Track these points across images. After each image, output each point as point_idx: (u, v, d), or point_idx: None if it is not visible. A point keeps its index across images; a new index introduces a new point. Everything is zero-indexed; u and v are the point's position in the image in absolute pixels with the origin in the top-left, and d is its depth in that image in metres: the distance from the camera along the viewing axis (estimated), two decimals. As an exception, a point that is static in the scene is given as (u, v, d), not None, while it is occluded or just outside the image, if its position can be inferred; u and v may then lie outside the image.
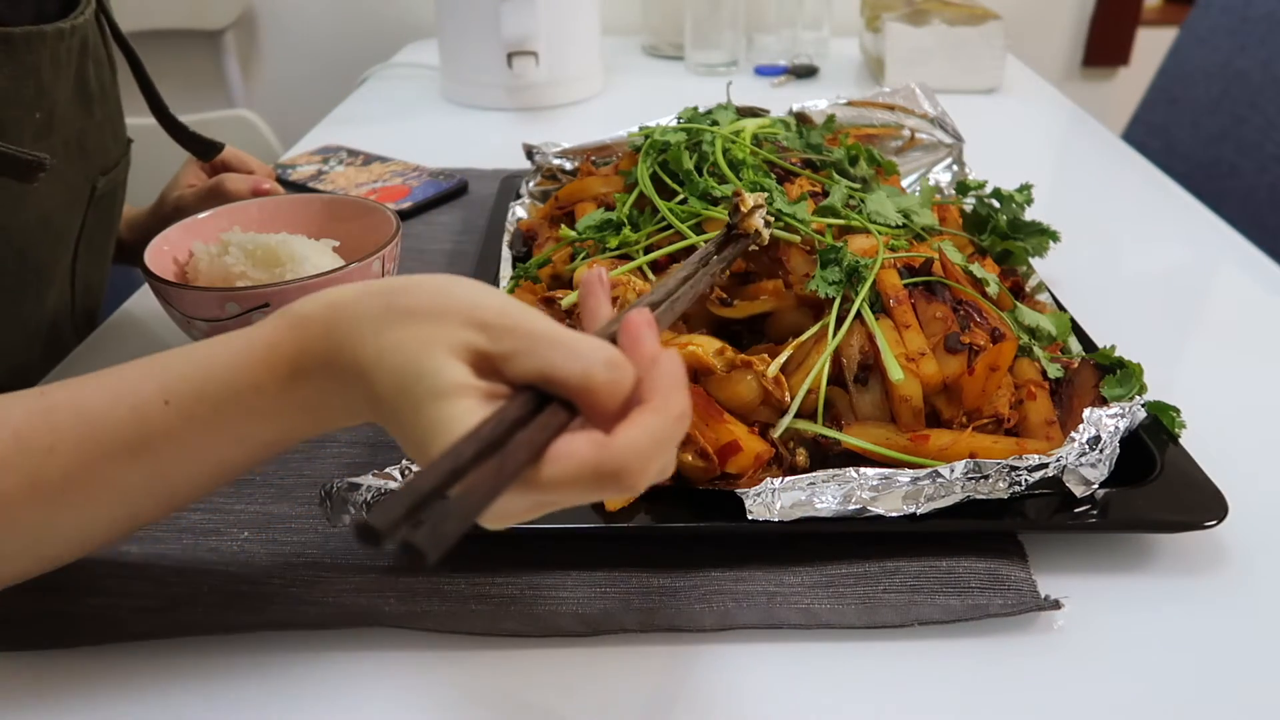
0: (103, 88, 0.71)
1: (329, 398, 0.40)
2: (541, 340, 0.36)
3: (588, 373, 0.35)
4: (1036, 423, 0.55)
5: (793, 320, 0.60)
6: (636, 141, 0.77)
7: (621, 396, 0.36)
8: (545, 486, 0.34)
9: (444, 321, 0.37)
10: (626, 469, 0.34)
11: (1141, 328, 0.73)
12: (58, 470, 0.40)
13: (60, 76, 0.64)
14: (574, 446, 0.34)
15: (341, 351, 0.38)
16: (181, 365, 0.41)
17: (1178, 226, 0.96)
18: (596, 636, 0.47)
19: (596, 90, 1.38)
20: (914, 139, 0.91)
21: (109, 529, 0.44)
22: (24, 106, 0.61)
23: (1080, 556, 0.51)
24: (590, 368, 0.35)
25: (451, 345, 0.36)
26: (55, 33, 0.62)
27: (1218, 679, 0.45)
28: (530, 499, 0.35)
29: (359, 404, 0.39)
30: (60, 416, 0.41)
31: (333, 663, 0.46)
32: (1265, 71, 1.24)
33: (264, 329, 0.41)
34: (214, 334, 0.62)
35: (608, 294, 0.42)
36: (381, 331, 0.38)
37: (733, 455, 0.51)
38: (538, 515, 0.37)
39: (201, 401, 0.40)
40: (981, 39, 1.33)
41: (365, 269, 0.63)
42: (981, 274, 0.62)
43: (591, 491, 0.35)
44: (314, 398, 0.40)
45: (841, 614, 0.47)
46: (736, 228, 0.57)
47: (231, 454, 0.42)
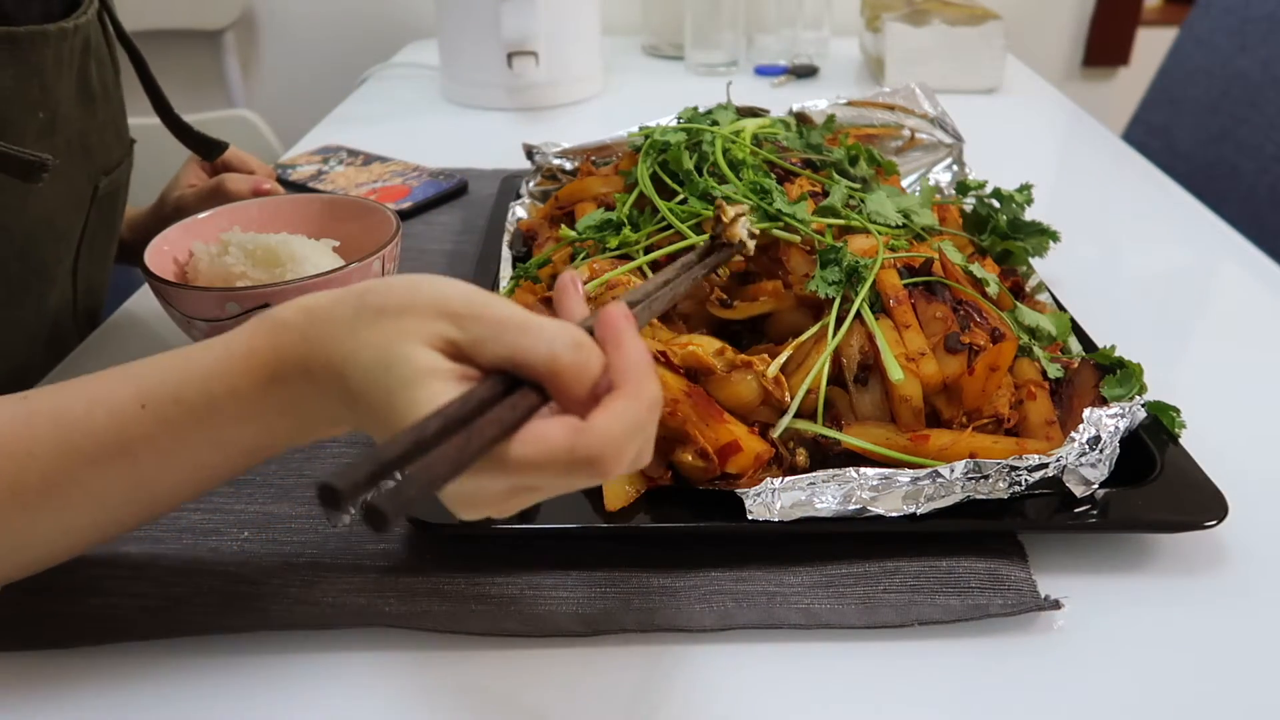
0: (105, 88, 0.71)
1: (306, 401, 0.40)
2: (508, 324, 0.37)
3: (553, 353, 0.36)
4: (1036, 423, 0.55)
5: (792, 320, 0.60)
6: (636, 141, 0.77)
7: (589, 379, 0.37)
8: (516, 467, 0.34)
9: (413, 315, 0.38)
10: (602, 455, 0.35)
11: (1141, 328, 0.73)
12: (37, 475, 0.41)
13: (63, 76, 0.64)
14: (547, 430, 0.35)
15: (316, 355, 0.39)
16: (159, 370, 0.42)
17: (1178, 226, 0.96)
18: (596, 636, 0.47)
19: (596, 90, 1.38)
20: (914, 139, 0.91)
21: (90, 533, 0.44)
22: (28, 106, 0.61)
23: (1080, 556, 0.51)
24: (556, 348, 0.36)
25: (421, 336, 0.37)
26: (58, 32, 0.62)
27: (1218, 679, 0.45)
28: (502, 482, 0.36)
29: (335, 406, 0.39)
30: (39, 421, 0.41)
31: (333, 663, 0.46)
32: (1265, 71, 1.24)
33: (242, 334, 0.41)
34: (214, 334, 0.62)
35: (581, 296, 0.42)
36: (355, 332, 0.38)
37: (733, 455, 0.51)
38: (514, 506, 0.38)
39: (178, 405, 0.41)
40: (981, 39, 1.33)
41: (365, 269, 0.63)
42: (981, 274, 0.62)
43: (565, 477, 0.35)
44: (291, 402, 0.40)
45: (841, 614, 0.47)
46: (719, 237, 0.57)
47: (210, 458, 0.43)
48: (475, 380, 0.37)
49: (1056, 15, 1.81)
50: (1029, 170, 0.88)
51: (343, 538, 0.52)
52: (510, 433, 0.34)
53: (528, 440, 0.34)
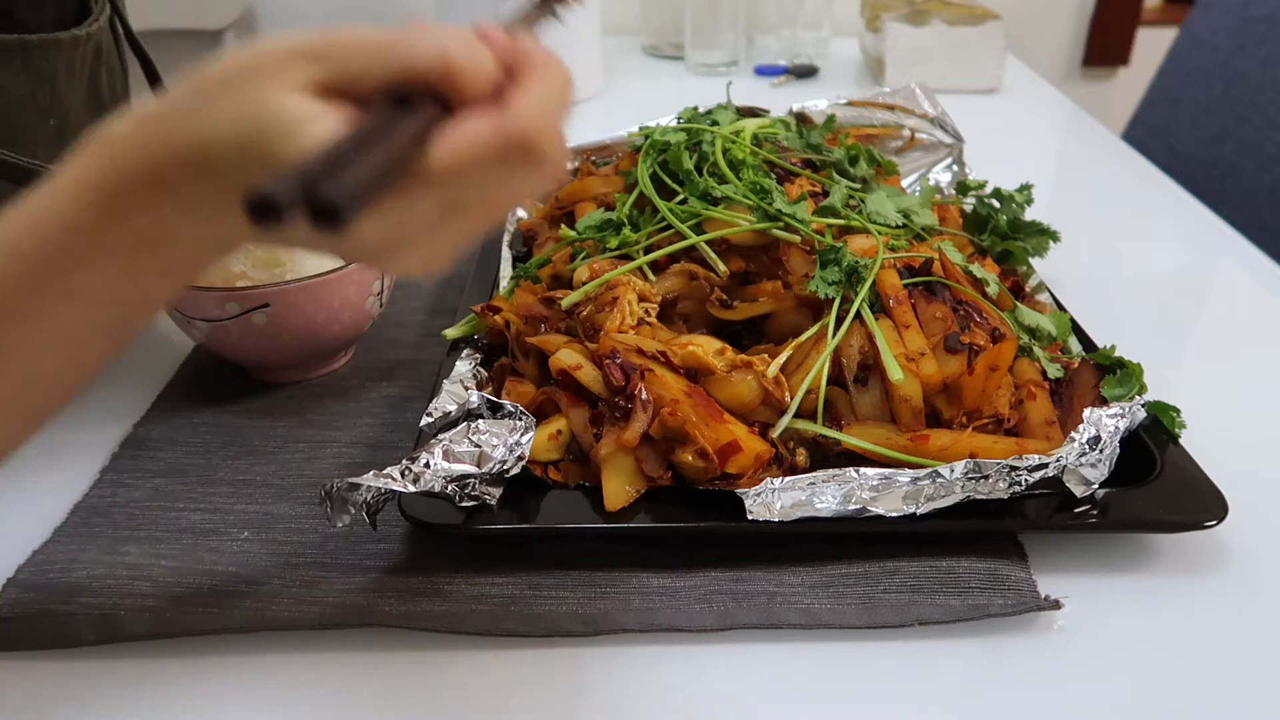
0: (114, 94, 0.71)
1: (166, 224, 0.35)
2: (385, 43, 0.33)
3: (445, 50, 0.32)
4: (1036, 423, 0.55)
5: (792, 321, 0.60)
6: (636, 141, 0.77)
7: (487, 73, 0.33)
8: (444, 173, 0.31)
9: (268, 69, 0.33)
10: (533, 133, 0.32)
11: (1141, 328, 0.73)
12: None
13: (74, 83, 0.64)
14: (466, 125, 0.32)
15: (164, 155, 0.34)
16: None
17: (1178, 226, 0.96)
18: (596, 636, 0.47)
19: (596, 90, 1.38)
20: (914, 139, 0.91)
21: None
22: (39, 114, 0.61)
23: (1080, 556, 0.51)
24: (447, 46, 0.33)
25: (286, 84, 0.33)
26: (71, 40, 0.62)
27: (1218, 679, 0.45)
28: (430, 199, 0.32)
29: (206, 212, 0.34)
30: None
31: (333, 663, 0.46)
32: (1265, 71, 1.24)
33: (66, 165, 0.35)
34: (215, 333, 0.63)
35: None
36: (206, 111, 0.33)
37: (733, 455, 0.51)
38: (450, 239, 0.34)
39: (17, 258, 0.35)
40: (981, 39, 1.33)
41: (365, 269, 0.63)
42: (981, 274, 0.62)
43: (499, 174, 0.33)
44: (149, 231, 0.35)
45: (841, 614, 0.47)
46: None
47: (73, 321, 0.37)
48: (353, 111, 0.33)
49: (1056, 15, 1.81)
50: (1029, 170, 0.88)
51: (343, 538, 0.52)
52: (425, 139, 0.31)
53: (449, 141, 0.31)
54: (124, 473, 0.58)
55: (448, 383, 0.56)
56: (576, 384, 0.55)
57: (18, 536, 0.52)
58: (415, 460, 0.48)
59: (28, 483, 0.57)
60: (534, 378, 0.59)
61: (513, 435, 0.50)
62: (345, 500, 0.47)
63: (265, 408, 0.64)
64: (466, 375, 0.58)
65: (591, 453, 0.52)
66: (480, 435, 0.50)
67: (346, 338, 0.67)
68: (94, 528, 0.53)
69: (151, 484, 0.57)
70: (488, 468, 0.49)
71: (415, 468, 0.48)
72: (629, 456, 0.51)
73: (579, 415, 0.54)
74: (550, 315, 0.61)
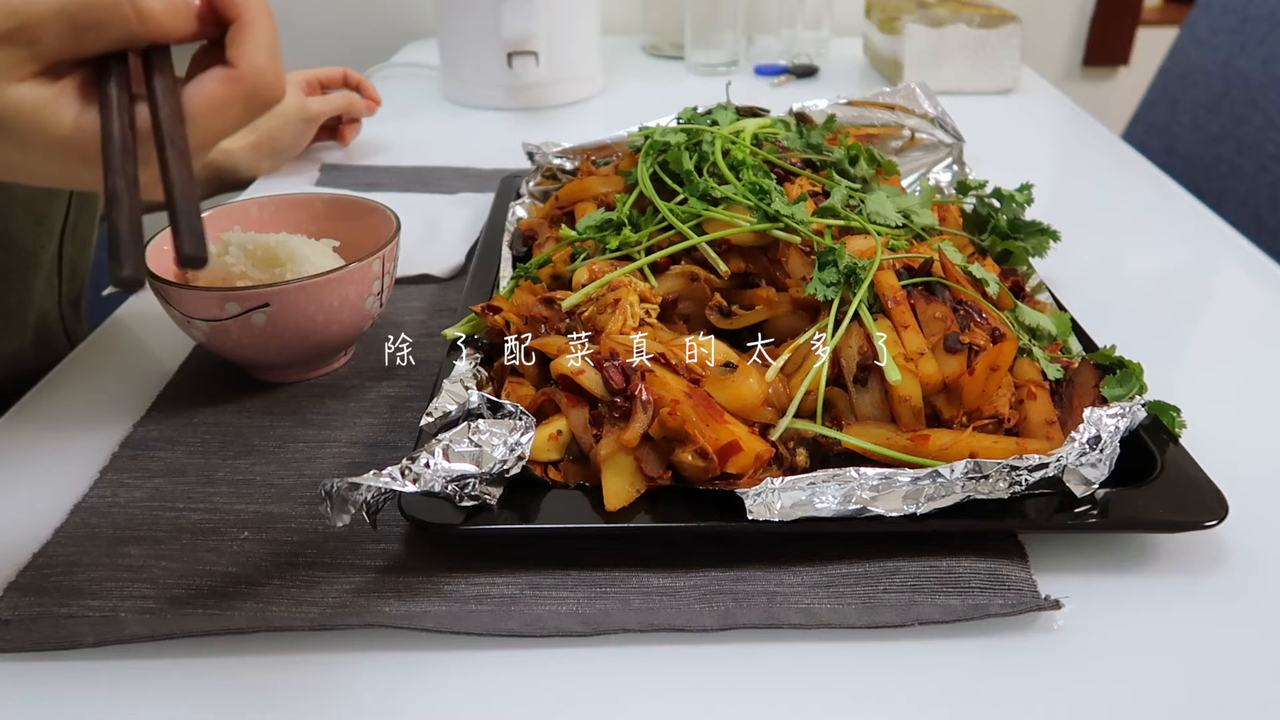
0: None
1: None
2: (70, 11, 0.35)
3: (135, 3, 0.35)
4: (1036, 423, 0.55)
5: (792, 321, 0.60)
6: (636, 142, 0.77)
7: (184, 11, 0.37)
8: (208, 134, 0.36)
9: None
10: (267, 78, 0.38)
11: (1141, 328, 0.73)
12: None
13: None
14: (203, 89, 0.37)
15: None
16: None
17: (1178, 226, 0.96)
18: (596, 636, 0.47)
19: (596, 90, 1.38)
20: (914, 139, 0.91)
21: None
22: None
23: (1080, 556, 0.51)
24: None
25: (10, 79, 0.34)
26: None
27: (1218, 679, 0.45)
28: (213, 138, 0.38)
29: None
30: None
31: (333, 663, 0.46)
32: (1265, 71, 1.24)
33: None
34: (215, 334, 0.63)
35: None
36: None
37: (733, 455, 0.51)
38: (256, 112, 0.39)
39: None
40: (1000, 40, 1.34)
41: (365, 269, 0.63)
42: (981, 274, 0.62)
43: (248, 111, 0.38)
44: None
45: (841, 614, 0.47)
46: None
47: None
48: (87, 81, 0.36)
49: (1056, 15, 1.82)
50: (1029, 170, 0.88)
51: (343, 538, 0.52)
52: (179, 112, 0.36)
53: (200, 113, 0.36)
54: (124, 473, 0.58)
55: (448, 383, 0.56)
56: (577, 384, 0.55)
57: (18, 537, 0.52)
58: (415, 460, 0.48)
59: (28, 483, 0.57)
60: (534, 378, 0.59)
61: (513, 435, 0.50)
62: (345, 500, 0.47)
63: (265, 408, 0.64)
64: (466, 375, 0.58)
65: (591, 453, 0.52)
66: (480, 435, 0.50)
67: (346, 338, 0.67)
68: (94, 528, 0.53)
69: (151, 484, 0.57)
70: (488, 468, 0.49)
71: (415, 467, 0.48)
72: (629, 456, 0.51)
73: (579, 415, 0.54)
74: (550, 315, 0.61)
